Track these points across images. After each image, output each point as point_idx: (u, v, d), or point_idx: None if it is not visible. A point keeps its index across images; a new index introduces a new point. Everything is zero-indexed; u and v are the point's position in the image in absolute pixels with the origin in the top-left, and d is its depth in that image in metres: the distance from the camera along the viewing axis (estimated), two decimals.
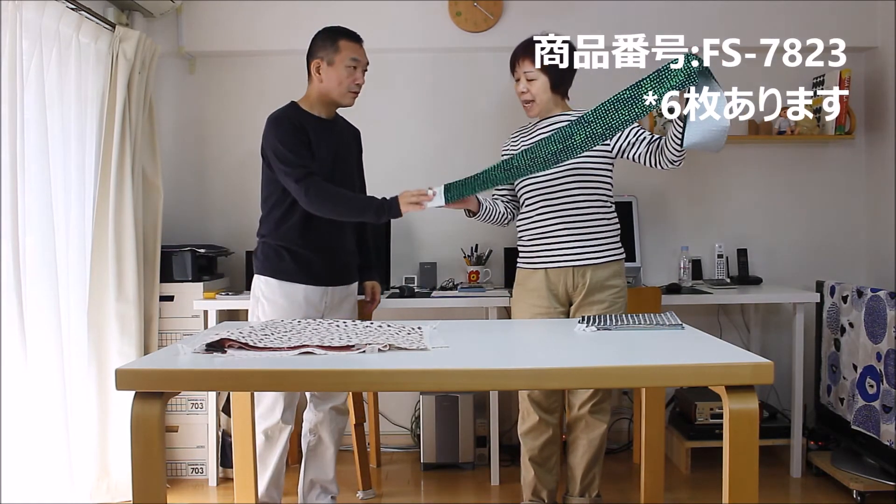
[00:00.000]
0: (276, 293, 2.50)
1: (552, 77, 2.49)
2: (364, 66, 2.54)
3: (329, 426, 2.65)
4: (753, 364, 1.54)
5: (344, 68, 2.47)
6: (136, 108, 3.00)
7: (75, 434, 2.75)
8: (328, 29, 2.54)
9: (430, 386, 1.69)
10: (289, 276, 2.50)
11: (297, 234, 2.49)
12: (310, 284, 2.51)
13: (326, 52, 2.48)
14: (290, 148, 2.41)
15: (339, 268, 2.58)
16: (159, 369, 1.56)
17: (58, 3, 2.63)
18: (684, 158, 2.37)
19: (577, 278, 2.52)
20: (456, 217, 3.59)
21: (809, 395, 3.31)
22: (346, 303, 2.63)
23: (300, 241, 2.50)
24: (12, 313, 2.29)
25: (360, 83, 2.53)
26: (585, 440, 2.61)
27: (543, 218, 2.53)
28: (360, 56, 2.52)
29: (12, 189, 2.30)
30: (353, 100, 2.55)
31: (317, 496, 2.70)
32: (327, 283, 2.55)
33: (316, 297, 2.53)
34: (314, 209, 2.41)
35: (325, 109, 2.53)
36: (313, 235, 2.50)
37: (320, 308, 2.55)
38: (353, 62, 2.48)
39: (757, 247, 3.63)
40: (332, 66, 2.48)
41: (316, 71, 2.50)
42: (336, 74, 2.48)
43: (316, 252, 2.51)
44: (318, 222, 2.48)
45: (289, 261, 2.50)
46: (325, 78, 2.49)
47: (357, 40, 2.53)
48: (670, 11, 3.47)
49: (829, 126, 3.40)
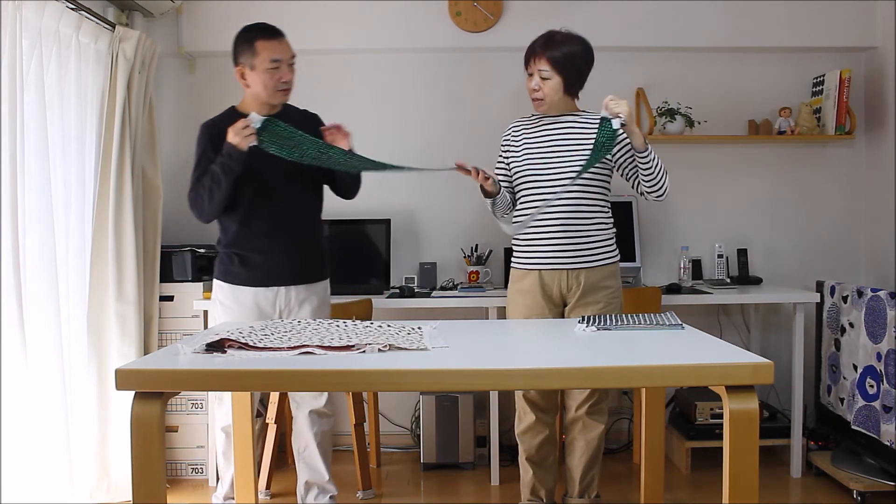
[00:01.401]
0: (228, 297, 2.55)
1: (567, 78, 2.47)
2: (289, 61, 2.47)
3: (311, 429, 2.67)
4: (753, 364, 1.54)
5: (265, 71, 2.42)
6: (136, 108, 3.00)
7: (75, 434, 2.75)
8: (243, 31, 2.47)
9: (430, 386, 1.69)
10: (238, 279, 2.54)
11: (241, 237, 2.52)
12: (259, 286, 2.53)
13: (246, 57, 2.44)
14: (197, 159, 2.47)
15: (292, 267, 2.55)
16: (159, 369, 1.56)
17: (58, 3, 2.62)
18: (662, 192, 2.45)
19: (572, 280, 2.51)
20: (456, 217, 3.61)
21: (809, 395, 3.31)
22: (307, 304, 2.59)
23: (244, 243, 2.52)
24: (12, 313, 2.29)
25: (286, 80, 2.47)
26: (583, 441, 2.61)
27: (540, 219, 2.52)
28: (281, 53, 2.44)
29: (12, 189, 2.30)
30: (286, 97, 2.52)
31: (315, 497, 2.71)
32: (278, 284, 2.54)
33: (268, 299, 2.54)
34: (197, 214, 2.49)
35: (262, 109, 2.48)
36: (255, 236, 2.52)
37: (274, 310, 2.56)
38: (273, 63, 2.42)
39: (757, 247, 3.63)
40: (254, 71, 2.43)
41: (241, 77, 2.47)
42: (259, 78, 2.43)
43: (262, 253, 2.52)
44: (255, 223, 2.51)
45: (237, 264, 2.54)
46: (251, 82, 2.45)
47: (274, 36, 2.44)
48: (670, 12, 3.47)
49: (829, 126, 3.40)
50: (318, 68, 3.56)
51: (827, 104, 3.42)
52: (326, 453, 2.73)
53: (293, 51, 2.50)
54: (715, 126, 3.54)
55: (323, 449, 2.70)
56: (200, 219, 2.52)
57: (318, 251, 2.65)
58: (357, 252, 3.43)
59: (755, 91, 3.59)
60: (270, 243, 2.52)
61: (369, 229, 3.46)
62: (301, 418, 2.67)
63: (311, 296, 2.60)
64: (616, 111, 2.26)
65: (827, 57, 3.55)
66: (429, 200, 3.61)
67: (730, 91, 3.59)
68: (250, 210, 2.51)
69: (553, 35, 2.47)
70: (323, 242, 2.70)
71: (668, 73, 3.56)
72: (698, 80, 3.58)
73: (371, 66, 3.59)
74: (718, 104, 3.56)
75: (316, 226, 2.66)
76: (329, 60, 3.56)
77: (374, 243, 3.44)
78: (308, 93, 3.55)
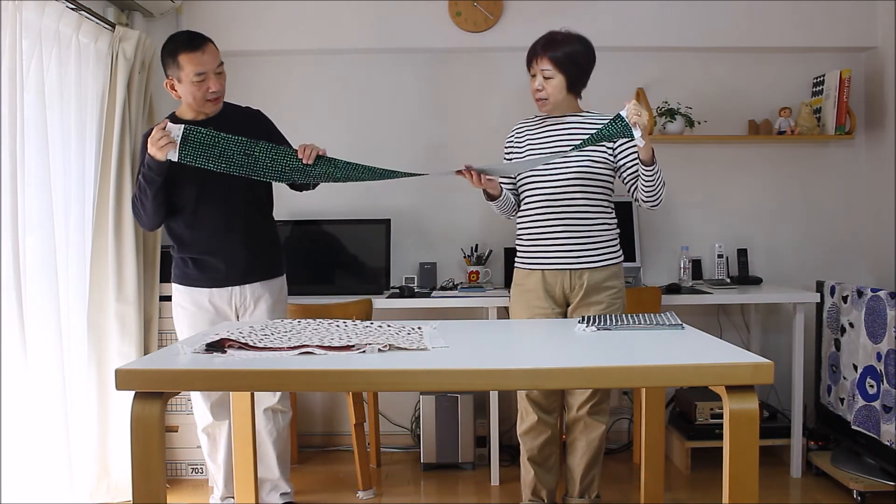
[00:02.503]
0: (186, 299, 2.59)
1: (569, 77, 2.47)
2: (215, 70, 2.44)
3: (266, 426, 2.70)
4: (753, 364, 1.54)
5: (191, 84, 2.41)
6: (136, 107, 3.00)
7: (75, 434, 2.75)
8: (167, 44, 2.44)
9: (430, 386, 1.69)
10: (192, 281, 2.58)
11: (191, 240, 2.55)
12: (214, 287, 2.56)
13: (173, 70, 2.43)
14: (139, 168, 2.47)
15: (244, 265, 2.57)
16: (159, 369, 1.56)
17: (58, 3, 2.62)
18: (658, 204, 2.46)
19: (574, 280, 2.51)
20: (456, 217, 3.61)
21: (809, 395, 3.31)
22: (263, 301, 2.61)
23: (195, 246, 2.55)
24: (12, 313, 2.29)
25: (215, 90, 2.45)
26: (584, 441, 2.61)
27: (543, 219, 2.53)
28: (204, 65, 2.40)
29: (12, 189, 2.30)
30: (216, 105, 2.51)
31: (267, 493, 2.75)
32: (232, 283, 2.57)
33: (223, 299, 2.58)
34: (139, 222, 2.54)
35: (199, 114, 2.51)
36: (204, 238, 2.54)
37: (231, 308, 2.59)
38: (198, 77, 2.40)
39: (757, 247, 3.63)
40: (181, 84, 2.43)
41: (171, 88, 2.47)
42: (187, 90, 2.43)
43: (214, 255, 2.55)
44: (203, 226, 2.53)
45: (192, 267, 2.57)
46: (181, 94, 2.46)
47: (196, 48, 2.40)
48: (670, 12, 3.47)
49: (829, 126, 3.40)
50: (318, 68, 3.56)
51: (827, 104, 3.42)
52: (284, 451, 2.76)
53: (219, 58, 2.47)
54: (715, 126, 3.54)
55: (279, 447, 2.73)
56: (143, 227, 2.56)
57: (269, 248, 2.66)
58: (357, 252, 3.44)
59: (755, 91, 3.59)
60: (220, 244, 2.54)
61: (369, 229, 3.46)
62: (257, 415, 2.69)
63: (266, 293, 2.62)
64: (635, 120, 2.22)
65: (827, 57, 3.55)
66: (429, 200, 3.61)
67: (730, 91, 3.59)
68: (195, 213, 2.53)
69: (554, 35, 2.48)
70: (275, 239, 2.70)
71: (668, 73, 3.56)
72: (698, 80, 3.58)
73: (371, 66, 3.58)
74: (718, 104, 3.56)
75: (265, 222, 2.67)
76: (329, 60, 3.56)
77: (374, 243, 3.44)
78: (307, 93, 3.57)
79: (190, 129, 2.24)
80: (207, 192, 2.50)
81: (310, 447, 3.59)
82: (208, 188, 2.49)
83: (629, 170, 2.50)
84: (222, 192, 2.51)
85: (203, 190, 2.50)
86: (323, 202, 3.53)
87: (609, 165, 2.52)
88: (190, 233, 2.55)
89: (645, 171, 2.36)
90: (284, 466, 2.77)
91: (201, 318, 2.57)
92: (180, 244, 2.58)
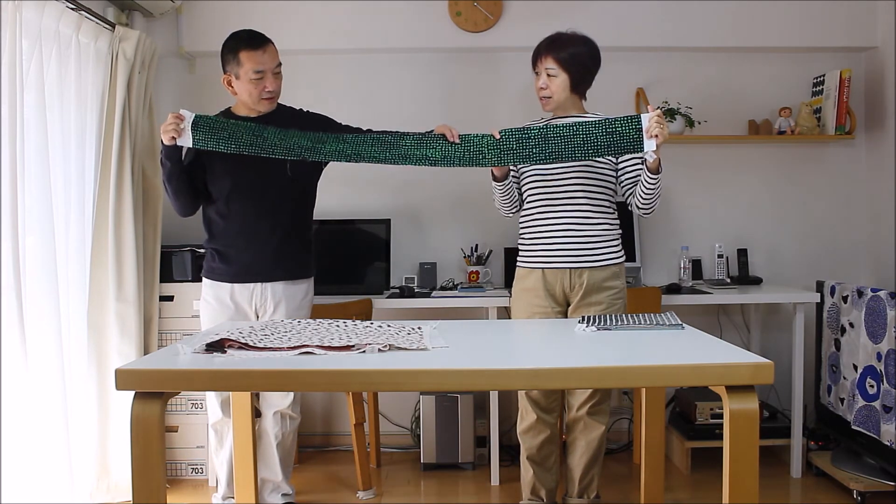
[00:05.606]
0: (209, 293, 2.61)
1: (573, 76, 2.49)
2: (273, 69, 2.48)
3: (272, 429, 2.70)
4: (753, 364, 1.54)
5: (249, 81, 2.45)
6: (136, 108, 3.00)
7: (75, 434, 2.75)
8: (229, 40, 2.49)
9: (430, 386, 1.69)
10: (217, 275, 2.59)
11: (220, 232, 2.57)
12: (236, 282, 2.56)
13: (232, 67, 2.48)
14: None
15: (268, 264, 2.56)
16: (159, 369, 1.56)
17: (57, 3, 2.62)
18: (652, 212, 2.48)
19: (575, 279, 2.52)
20: (456, 217, 3.61)
21: (809, 395, 3.31)
22: (284, 303, 2.59)
23: (223, 239, 2.57)
24: (12, 314, 2.29)
25: (271, 90, 2.49)
26: (584, 441, 2.61)
27: (545, 218, 2.53)
28: (264, 63, 2.45)
29: (12, 189, 2.30)
30: (272, 105, 2.54)
31: (269, 494, 2.75)
32: (254, 280, 2.56)
33: (244, 296, 2.57)
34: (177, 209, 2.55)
35: (252, 112, 2.55)
36: (232, 231, 2.55)
37: (250, 306, 2.58)
38: (257, 74, 2.44)
39: (757, 247, 3.63)
40: (239, 80, 2.47)
41: (228, 84, 2.51)
42: (244, 87, 2.47)
43: (239, 249, 2.55)
44: (232, 219, 2.54)
45: (217, 260, 2.58)
46: (238, 90, 2.50)
47: (258, 46, 2.45)
48: (670, 12, 3.47)
49: (829, 126, 3.40)
50: (318, 68, 3.56)
51: (827, 104, 3.42)
52: (287, 455, 2.77)
53: (278, 58, 2.52)
54: (715, 126, 3.54)
55: (283, 450, 2.73)
56: (178, 213, 2.59)
57: (299, 248, 2.64)
58: (357, 252, 3.44)
59: (755, 91, 3.59)
60: (247, 238, 2.54)
61: (369, 229, 3.46)
62: (267, 417, 2.71)
63: (289, 295, 2.60)
64: (657, 132, 2.24)
65: (827, 57, 3.55)
66: (429, 200, 3.61)
67: (730, 91, 3.59)
68: (227, 205, 2.54)
69: (559, 35, 2.51)
70: (307, 241, 2.68)
71: (668, 73, 3.56)
72: (698, 80, 3.58)
73: (371, 66, 3.58)
74: (718, 104, 3.56)
75: (298, 223, 2.65)
76: (329, 60, 3.56)
77: (374, 243, 3.44)
78: (307, 93, 3.56)
79: (200, 116, 2.32)
80: (242, 183, 2.51)
81: (310, 447, 3.59)
82: (243, 180, 2.51)
83: (629, 174, 2.51)
84: (259, 186, 2.52)
85: (238, 182, 2.51)
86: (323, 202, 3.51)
87: (611, 165, 2.52)
88: (221, 223, 2.56)
89: (649, 178, 2.37)
90: (287, 469, 2.78)
91: (222, 315, 2.57)
92: (210, 234, 2.60)
